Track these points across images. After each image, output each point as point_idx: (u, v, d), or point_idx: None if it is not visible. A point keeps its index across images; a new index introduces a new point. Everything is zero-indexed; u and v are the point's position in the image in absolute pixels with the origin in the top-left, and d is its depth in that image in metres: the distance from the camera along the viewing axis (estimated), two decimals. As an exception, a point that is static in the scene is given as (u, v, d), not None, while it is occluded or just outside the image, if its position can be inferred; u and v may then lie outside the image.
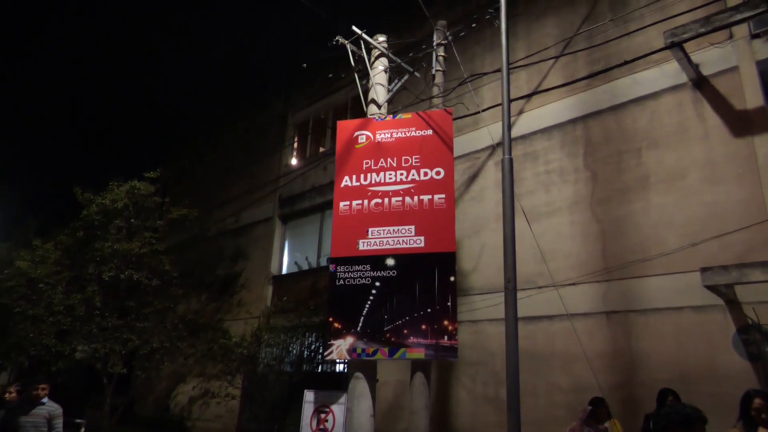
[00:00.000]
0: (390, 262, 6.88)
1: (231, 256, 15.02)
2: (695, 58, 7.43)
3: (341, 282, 6.99)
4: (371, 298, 6.82)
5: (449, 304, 6.53)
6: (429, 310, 6.58)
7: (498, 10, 6.50)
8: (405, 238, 6.92)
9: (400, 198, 7.12)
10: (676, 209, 7.34)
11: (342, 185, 7.46)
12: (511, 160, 5.78)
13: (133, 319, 11.82)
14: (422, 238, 6.87)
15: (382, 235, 7.02)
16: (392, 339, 6.58)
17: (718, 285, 6.18)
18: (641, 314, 7.31)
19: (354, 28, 7.87)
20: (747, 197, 6.77)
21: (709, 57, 7.42)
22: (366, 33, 8.06)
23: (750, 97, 7.03)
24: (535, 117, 9.22)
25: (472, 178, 9.97)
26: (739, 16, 6.28)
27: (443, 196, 7.01)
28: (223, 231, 15.76)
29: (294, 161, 14.75)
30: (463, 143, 9.86)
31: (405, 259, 6.84)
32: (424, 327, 6.52)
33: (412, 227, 6.93)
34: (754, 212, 6.64)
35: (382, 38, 8.25)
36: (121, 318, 11.83)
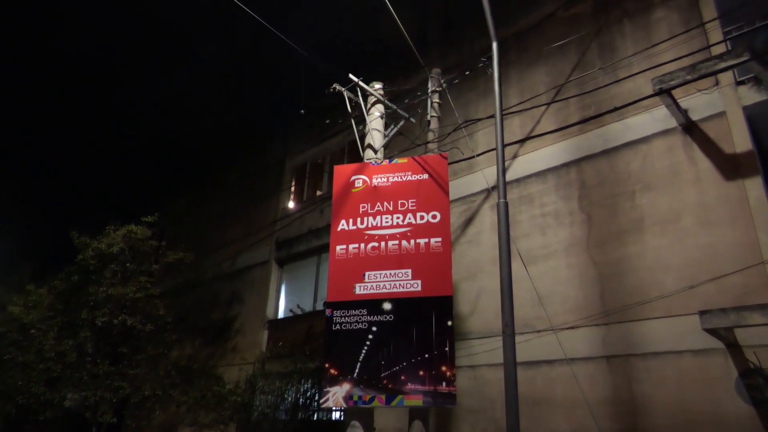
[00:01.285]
0: (387, 306, 6.83)
1: (226, 300, 14.88)
2: (683, 103, 7.62)
3: (337, 327, 6.91)
4: (368, 343, 6.73)
5: (447, 349, 6.45)
6: (427, 356, 6.48)
7: (490, 58, 6.71)
8: (402, 282, 6.89)
9: (397, 242, 7.14)
10: (672, 252, 7.36)
11: (339, 229, 7.48)
12: (506, 204, 5.84)
13: (125, 366, 11.59)
14: (419, 281, 6.84)
15: (378, 279, 6.99)
16: (389, 386, 6.46)
17: (717, 328, 6.13)
18: (642, 358, 7.21)
19: (351, 76, 8.09)
20: (741, 239, 6.81)
21: (697, 103, 7.62)
22: (362, 80, 8.28)
23: (738, 141, 7.18)
24: (530, 161, 9.36)
25: (468, 221, 10.02)
26: (723, 65, 6.48)
27: (439, 239, 7.03)
28: (219, 275, 15.67)
29: (291, 204, 14.84)
30: (458, 187, 9.96)
31: (402, 303, 6.80)
32: (421, 373, 6.41)
33: (409, 271, 6.92)
34: (749, 254, 6.66)
35: (378, 85, 8.47)
36: (112, 364, 11.60)
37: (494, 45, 6.51)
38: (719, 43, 7.52)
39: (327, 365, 6.80)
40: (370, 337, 6.76)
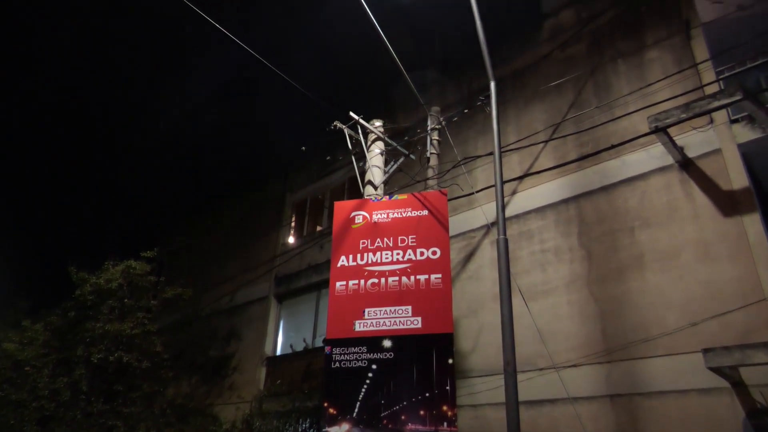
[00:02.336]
0: (387, 343, 6.76)
1: (224, 336, 14.70)
2: (679, 141, 7.73)
3: (337, 364, 6.82)
4: (367, 381, 6.63)
5: (448, 387, 6.35)
6: (427, 395, 6.38)
7: (488, 97, 6.85)
8: (402, 318, 6.84)
9: (397, 278, 7.12)
10: (673, 288, 7.34)
11: (338, 265, 7.47)
12: (506, 240, 5.85)
13: (120, 404, 11.35)
14: (419, 318, 6.79)
15: (378, 316, 6.94)
16: (389, 426, 6.33)
17: (722, 367, 6.06)
18: (646, 397, 7.09)
19: (351, 114, 8.23)
20: (742, 276, 6.79)
21: (693, 140, 7.73)
22: (363, 118, 8.41)
23: (735, 178, 7.25)
24: (529, 197, 9.42)
25: (469, 257, 10.01)
26: (717, 104, 6.61)
27: (440, 276, 7.01)
28: (218, 311, 15.53)
29: (291, 240, 14.83)
30: (458, 222, 9.99)
31: (402, 340, 6.73)
32: (422, 413, 6.29)
33: (409, 308, 6.88)
34: (750, 291, 6.64)
35: (378, 123, 8.60)
36: (107, 403, 11.36)
37: (492, 84, 6.65)
38: (712, 83, 7.69)
39: (326, 404, 6.68)
40: (370, 375, 6.66)
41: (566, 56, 9.94)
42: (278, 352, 13.65)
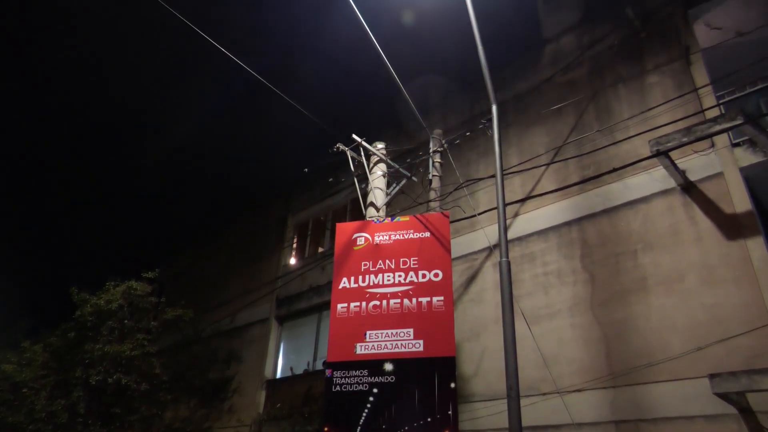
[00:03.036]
0: (388, 367, 6.67)
1: (224, 358, 14.55)
2: (681, 164, 7.74)
3: (338, 388, 6.73)
4: (369, 405, 6.53)
5: (450, 412, 6.24)
6: (429, 419, 6.27)
7: (490, 120, 6.89)
8: (403, 341, 6.76)
9: (399, 300, 7.07)
10: (678, 312, 7.27)
11: (340, 287, 7.43)
12: (508, 263, 5.82)
13: (118, 428, 11.20)
14: (421, 341, 6.71)
15: (380, 339, 6.87)
16: (391, 451, 6.21)
17: (728, 393, 5.96)
18: (652, 424, 6.97)
19: (354, 136, 8.27)
20: (747, 300, 6.73)
21: (695, 164, 7.74)
22: (365, 140, 8.46)
23: (738, 202, 7.24)
24: (531, 219, 9.41)
25: (471, 280, 9.96)
26: (717, 128, 6.64)
27: (442, 298, 6.95)
28: (218, 332, 15.41)
29: (293, 261, 14.80)
30: (460, 244, 9.97)
31: (403, 364, 6.64)
32: (424, 438, 6.17)
33: (411, 330, 6.81)
34: (756, 316, 6.57)
35: (380, 145, 8.64)
36: (104, 426, 11.21)
37: (494, 108, 6.70)
38: (713, 107, 7.74)
39: (327, 429, 6.57)
40: (371, 399, 6.56)
41: (567, 80, 10.04)
42: (278, 374, 13.50)
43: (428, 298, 7.00)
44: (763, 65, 7.57)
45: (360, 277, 7.40)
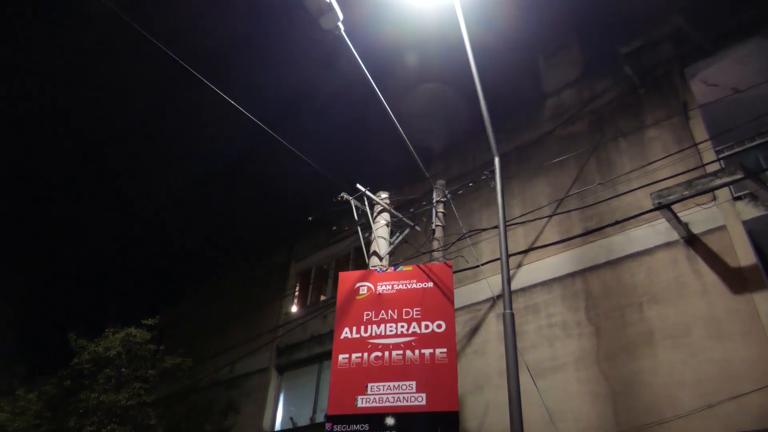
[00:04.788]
0: (390, 421, 6.49)
1: (222, 409, 14.19)
2: (684, 217, 7.77)
3: (338, 443, 6.54)
4: (369, 462, 6.32)
5: (453, 471, 6.03)
6: (432, 478, 6.05)
7: (493, 171, 6.97)
8: (406, 394, 6.61)
9: (401, 351, 6.96)
10: (686, 367, 7.12)
11: (342, 337, 7.34)
12: (512, 315, 5.76)
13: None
14: (423, 395, 6.57)
15: (381, 391, 6.72)
16: None
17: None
18: (663, 486, 6.70)
19: (358, 186, 8.37)
20: (756, 355, 6.60)
21: (697, 217, 7.77)
22: (369, 189, 8.55)
23: (742, 255, 7.22)
24: (534, 270, 9.37)
25: (474, 330, 9.82)
26: (718, 182, 6.71)
27: (445, 350, 6.85)
28: (217, 381, 15.09)
29: (294, 309, 14.66)
30: (463, 295, 9.89)
31: (406, 418, 6.47)
32: (426, 498, 5.94)
33: (413, 383, 6.67)
34: (765, 373, 6.43)
35: (384, 194, 8.73)
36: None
37: (496, 160, 6.80)
38: (713, 162, 7.84)
39: (325, 487, 6.34)
40: (372, 455, 6.36)
41: (568, 133, 10.23)
42: (277, 426, 13.12)
43: (431, 350, 6.89)
44: (760, 121, 7.73)
45: (362, 327, 7.32)
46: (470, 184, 9.15)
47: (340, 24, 6.09)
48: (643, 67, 9.55)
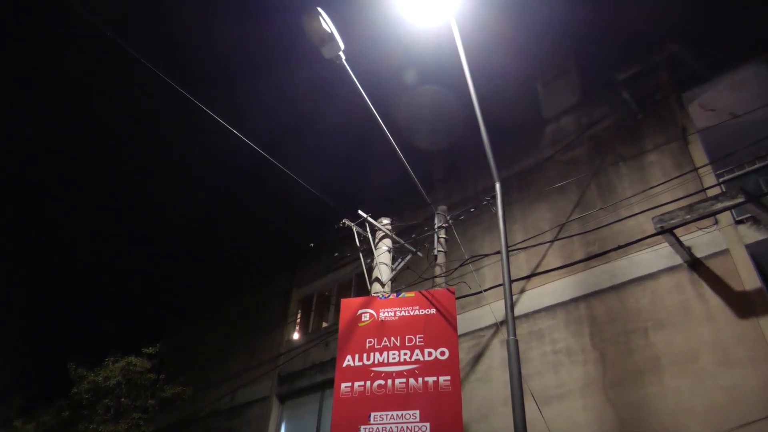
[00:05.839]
0: (393, 451, 6.37)
1: (222, 440, 13.96)
2: (686, 241, 7.75)
3: (340, 475, 6.40)
4: (372, 495, 6.18)
5: (459, 503, 5.89)
6: None
7: (494, 197, 6.99)
8: (409, 424, 6.50)
9: (404, 380, 6.87)
10: (694, 394, 7.01)
11: (344, 365, 7.25)
12: (516, 341, 5.69)
13: None
14: (427, 425, 6.45)
15: (384, 421, 6.61)
16: None
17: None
18: None
19: (360, 212, 8.39)
20: (765, 382, 6.51)
21: (700, 241, 7.75)
22: (371, 215, 8.56)
23: (746, 279, 7.18)
24: (538, 295, 9.31)
25: (478, 357, 9.71)
26: (720, 205, 6.71)
27: (448, 378, 6.76)
28: (217, 411, 14.87)
29: (296, 336, 14.52)
30: (466, 321, 9.81)
31: (409, 448, 6.35)
32: None
33: (417, 412, 6.56)
34: (775, 399, 6.32)
35: (386, 221, 8.74)
36: None
37: (497, 186, 6.82)
38: (713, 186, 7.87)
39: None
40: (375, 487, 6.22)
41: (568, 159, 10.28)
42: (278, 458, 12.87)
43: (434, 378, 6.80)
44: (759, 145, 7.77)
45: (364, 355, 7.25)
46: (472, 210, 9.16)
47: (341, 53, 6.20)
48: (640, 93, 9.65)
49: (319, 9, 5.97)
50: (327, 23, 6.03)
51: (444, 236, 8.90)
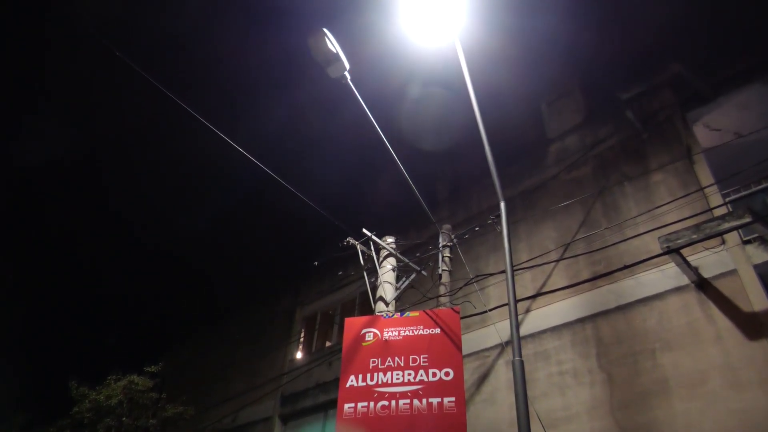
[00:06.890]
0: (397, 475, 6.25)
1: (223, 462, 13.77)
2: (693, 261, 7.68)
3: (343, 498, 6.28)
4: None
5: None
6: None
7: (499, 216, 6.96)
8: (413, 447, 6.39)
9: (408, 401, 6.77)
10: (704, 417, 6.87)
11: (347, 385, 7.16)
12: (521, 362, 5.61)
13: None
14: (432, 447, 6.34)
15: (388, 443, 6.50)
16: None
17: None
18: None
19: (364, 230, 8.37)
20: (776, 405, 6.37)
21: (707, 261, 7.68)
22: (375, 234, 8.54)
23: (755, 300, 7.09)
24: (543, 315, 9.22)
25: (483, 378, 9.58)
26: (726, 225, 6.67)
27: (453, 399, 6.66)
28: (219, 431, 14.69)
29: (299, 355, 14.40)
30: (471, 341, 9.71)
31: (413, 472, 6.23)
32: None
33: (421, 435, 6.45)
34: (787, 423, 6.19)
35: (390, 239, 8.71)
36: None
37: (502, 205, 6.80)
38: (720, 206, 7.82)
39: None
40: None
41: (573, 178, 10.27)
42: (280, 480, 12.67)
43: (439, 399, 6.70)
44: (765, 164, 7.74)
45: (368, 375, 7.16)
46: (476, 229, 9.13)
47: (346, 73, 6.25)
48: (644, 113, 9.67)
49: (325, 30, 6.04)
50: (333, 44, 6.10)
51: (449, 255, 8.86)
